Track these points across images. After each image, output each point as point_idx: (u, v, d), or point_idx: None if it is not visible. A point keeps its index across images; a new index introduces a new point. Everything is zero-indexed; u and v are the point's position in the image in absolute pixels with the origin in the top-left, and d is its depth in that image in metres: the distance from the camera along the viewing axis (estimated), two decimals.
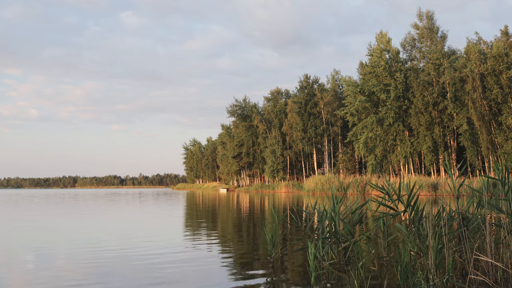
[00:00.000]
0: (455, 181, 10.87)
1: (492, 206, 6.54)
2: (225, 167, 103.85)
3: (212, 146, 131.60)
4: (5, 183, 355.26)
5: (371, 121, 54.58)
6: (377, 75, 55.04)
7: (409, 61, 56.26)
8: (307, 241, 7.14)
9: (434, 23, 52.57)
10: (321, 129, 68.15)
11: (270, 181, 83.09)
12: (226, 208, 26.01)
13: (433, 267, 5.61)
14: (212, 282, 6.45)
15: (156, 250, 9.39)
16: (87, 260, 8.19)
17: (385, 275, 6.63)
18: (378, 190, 6.91)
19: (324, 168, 71.25)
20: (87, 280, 6.61)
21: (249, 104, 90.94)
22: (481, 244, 6.54)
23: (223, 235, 11.98)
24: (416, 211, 6.59)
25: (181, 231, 13.31)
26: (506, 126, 43.13)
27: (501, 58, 43.32)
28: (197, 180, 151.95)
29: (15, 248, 9.98)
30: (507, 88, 43.05)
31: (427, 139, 50.09)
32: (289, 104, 73.17)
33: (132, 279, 6.64)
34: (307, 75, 71.65)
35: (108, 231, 13.36)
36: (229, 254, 8.77)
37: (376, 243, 9.55)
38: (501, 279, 5.92)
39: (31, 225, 15.70)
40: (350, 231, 7.48)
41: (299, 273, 6.94)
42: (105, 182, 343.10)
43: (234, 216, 18.90)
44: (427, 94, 50.15)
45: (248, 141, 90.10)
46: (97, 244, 10.37)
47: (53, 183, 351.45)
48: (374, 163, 55.96)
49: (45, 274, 7.01)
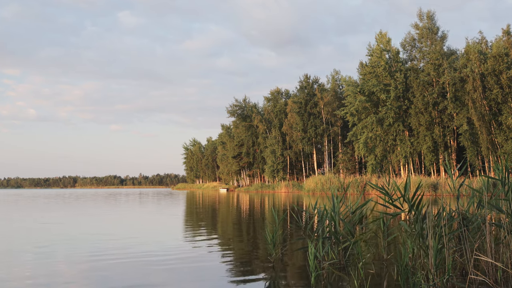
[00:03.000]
0: (455, 181, 10.87)
1: (492, 206, 6.54)
2: (225, 167, 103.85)
3: (212, 146, 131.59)
4: (5, 183, 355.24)
5: (371, 121, 54.58)
6: (377, 75, 55.03)
7: (409, 61, 56.24)
8: (307, 241, 7.14)
9: (434, 23, 52.53)
10: (321, 129, 68.14)
11: (270, 181, 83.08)
12: (226, 208, 26.01)
13: (433, 267, 5.61)
14: (212, 282, 6.45)
15: (156, 250, 9.40)
16: (86, 260, 8.20)
17: (385, 275, 6.63)
18: (378, 190, 6.90)
19: (324, 168, 71.24)
20: (86, 280, 6.62)
21: (249, 104, 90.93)
22: (481, 244, 6.54)
23: (223, 235, 11.98)
24: (420, 210, 6.59)
25: (181, 231, 13.31)
26: (506, 126, 43.13)
27: (501, 58, 43.33)
28: (197, 180, 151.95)
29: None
30: (507, 88, 43.04)
31: (427, 139, 50.09)
32: (289, 104, 73.13)
33: (132, 279, 6.65)
34: (307, 75, 71.57)
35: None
36: (229, 254, 8.77)
37: (376, 243, 9.56)
38: (501, 279, 5.92)
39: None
40: (350, 231, 7.48)
41: (299, 273, 6.94)
42: (105, 182, 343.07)
43: (234, 216, 18.90)
44: (427, 94, 50.15)
45: (248, 141, 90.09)
46: (97, 244, 10.38)
47: (53, 183, 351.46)
48: (374, 163, 55.96)
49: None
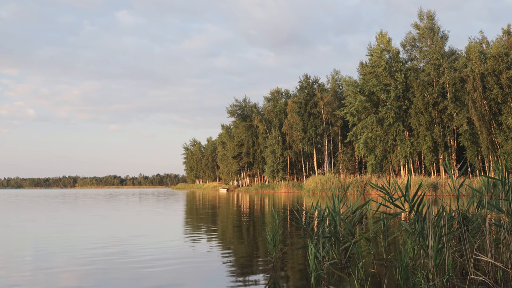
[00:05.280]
0: (455, 181, 10.88)
1: (492, 206, 6.54)
2: (225, 167, 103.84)
3: (212, 146, 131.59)
4: (5, 183, 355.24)
5: (371, 121, 54.57)
6: (377, 75, 55.02)
7: (409, 61, 56.24)
8: (308, 241, 7.14)
9: (435, 23, 52.52)
10: (321, 129, 68.13)
11: (270, 181, 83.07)
12: (226, 208, 26.01)
13: (433, 267, 5.62)
14: (212, 282, 6.46)
15: (156, 250, 9.40)
16: (85, 260, 8.20)
17: (385, 275, 6.63)
18: (379, 190, 6.91)
19: (324, 168, 71.22)
20: (86, 280, 6.62)
21: (249, 104, 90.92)
22: (481, 244, 6.54)
23: (223, 235, 11.98)
24: (421, 210, 6.59)
25: (181, 231, 13.31)
26: (506, 126, 43.13)
27: (501, 58, 43.34)
28: (197, 180, 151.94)
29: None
30: (507, 88, 43.04)
31: (427, 139, 50.08)
32: (289, 104, 73.10)
33: (131, 279, 6.65)
34: (307, 75, 71.53)
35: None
36: (229, 254, 8.77)
37: (376, 243, 9.56)
38: (501, 279, 5.93)
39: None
40: (350, 231, 7.48)
41: (299, 273, 6.94)
42: (105, 182, 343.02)
43: (234, 216, 18.90)
44: (427, 94, 50.15)
45: (248, 141, 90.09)
46: (97, 244, 10.38)
47: (53, 183, 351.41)
48: (374, 163, 55.95)
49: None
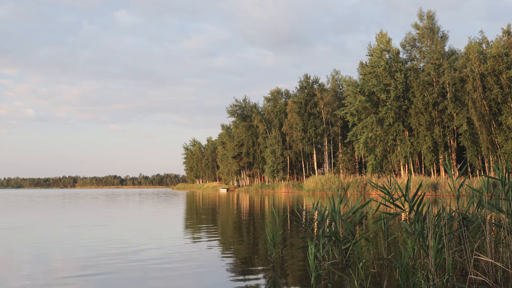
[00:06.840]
0: (455, 181, 10.87)
1: (492, 206, 6.54)
2: (225, 167, 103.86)
3: (212, 146, 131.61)
4: (5, 183, 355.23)
5: (371, 121, 54.58)
6: (377, 75, 55.03)
7: (409, 61, 56.25)
8: (308, 241, 7.14)
9: (434, 23, 52.54)
10: (321, 129, 68.13)
11: (270, 181, 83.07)
12: (226, 208, 26.01)
13: (433, 267, 5.62)
14: (212, 282, 6.46)
15: (156, 250, 9.40)
16: (85, 261, 8.20)
17: (385, 275, 6.63)
18: (380, 190, 6.91)
19: (324, 168, 71.22)
20: (86, 281, 6.62)
21: (249, 104, 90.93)
22: (481, 244, 6.54)
23: (223, 235, 11.98)
24: (421, 210, 6.59)
25: (181, 231, 13.31)
26: (506, 126, 43.13)
27: (501, 58, 43.34)
28: (197, 180, 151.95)
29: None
30: (507, 88, 43.04)
31: (427, 139, 50.08)
32: (289, 104, 73.11)
33: (131, 279, 6.65)
34: (307, 75, 71.53)
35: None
36: (229, 254, 8.77)
37: (376, 243, 9.56)
38: (501, 279, 5.93)
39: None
40: (351, 231, 7.48)
41: (299, 273, 6.94)
42: (105, 182, 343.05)
43: (234, 216, 18.90)
44: (427, 94, 50.16)
45: (248, 141, 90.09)
46: (97, 244, 10.38)
47: (53, 183, 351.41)
48: (374, 163, 55.95)
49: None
